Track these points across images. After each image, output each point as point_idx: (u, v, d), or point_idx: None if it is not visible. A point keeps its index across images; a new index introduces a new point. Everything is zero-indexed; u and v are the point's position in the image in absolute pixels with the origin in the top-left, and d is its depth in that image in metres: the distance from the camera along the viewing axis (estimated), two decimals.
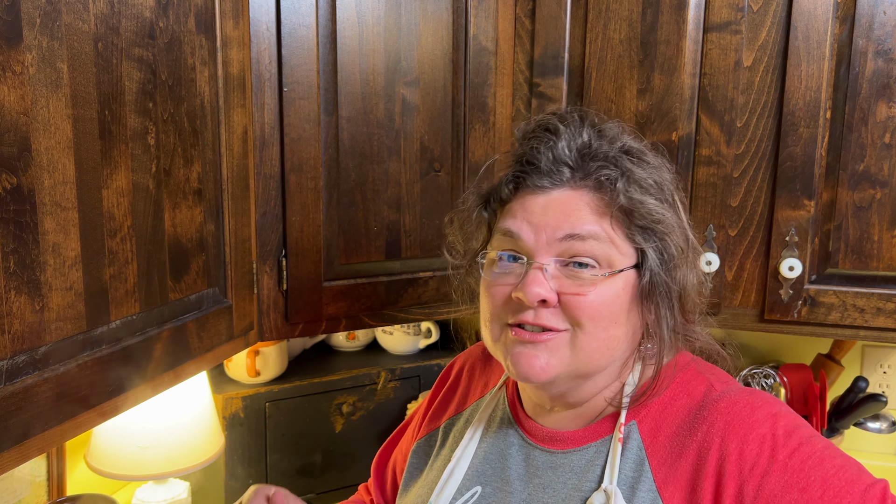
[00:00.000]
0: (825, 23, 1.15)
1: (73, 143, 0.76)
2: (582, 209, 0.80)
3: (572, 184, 0.81)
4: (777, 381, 1.43)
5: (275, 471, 1.60)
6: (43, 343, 0.74)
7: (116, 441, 1.32)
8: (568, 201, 0.81)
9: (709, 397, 0.82)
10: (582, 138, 0.82)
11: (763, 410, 0.79)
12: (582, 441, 0.86)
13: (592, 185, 0.81)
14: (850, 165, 1.17)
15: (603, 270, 0.79)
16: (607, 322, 0.80)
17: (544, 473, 0.87)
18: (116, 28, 0.81)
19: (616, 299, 0.80)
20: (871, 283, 1.18)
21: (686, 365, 0.88)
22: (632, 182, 0.80)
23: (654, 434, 0.82)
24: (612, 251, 0.80)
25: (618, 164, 0.81)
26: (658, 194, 0.82)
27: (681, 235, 0.82)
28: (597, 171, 0.81)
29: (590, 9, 1.27)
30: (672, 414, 0.83)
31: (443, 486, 0.92)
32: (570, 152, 0.82)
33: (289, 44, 1.11)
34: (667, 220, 0.81)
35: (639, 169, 0.82)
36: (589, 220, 0.80)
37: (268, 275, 1.15)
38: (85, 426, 0.81)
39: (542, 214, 0.81)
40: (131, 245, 0.86)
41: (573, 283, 0.79)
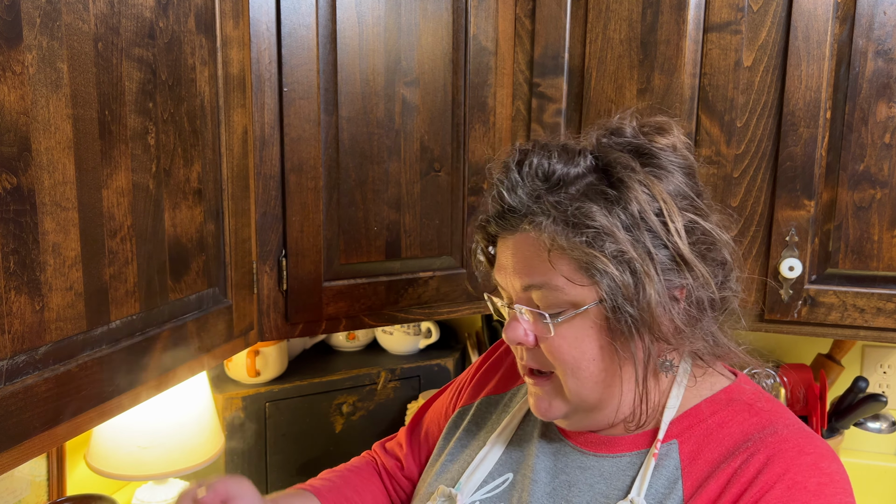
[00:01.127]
0: (825, 23, 1.15)
1: (73, 143, 0.76)
2: (532, 258, 0.80)
3: (522, 229, 0.81)
4: (777, 381, 1.43)
5: (275, 471, 1.60)
6: (43, 343, 0.74)
7: (116, 441, 1.32)
8: (522, 248, 0.81)
9: (762, 430, 0.80)
10: (527, 180, 0.81)
11: (809, 459, 0.77)
12: (618, 448, 0.86)
13: (533, 229, 0.79)
14: (850, 165, 1.17)
15: (564, 314, 0.79)
16: (582, 362, 0.80)
17: (572, 472, 0.87)
18: (116, 28, 0.81)
19: (584, 339, 0.80)
20: (871, 283, 1.18)
21: (741, 394, 0.86)
22: (560, 224, 0.77)
23: (694, 457, 0.81)
24: (570, 292, 0.78)
25: (557, 205, 0.78)
26: (600, 228, 0.76)
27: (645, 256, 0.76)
28: (534, 215, 0.79)
29: (590, 9, 1.27)
30: (718, 440, 0.81)
31: (474, 470, 0.93)
32: (517, 198, 0.81)
33: (289, 44, 1.11)
34: (596, 261, 0.76)
35: (586, 203, 0.77)
36: (537, 269, 0.79)
37: (268, 275, 1.15)
38: (85, 426, 0.81)
39: (507, 263, 0.83)
40: (131, 245, 0.86)
41: (541, 326, 0.81)
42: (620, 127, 0.85)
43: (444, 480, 0.96)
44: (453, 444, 1.00)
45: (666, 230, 0.78)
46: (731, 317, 0.87)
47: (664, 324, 0.79)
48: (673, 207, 0.79)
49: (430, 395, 1.56)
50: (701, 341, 0.82)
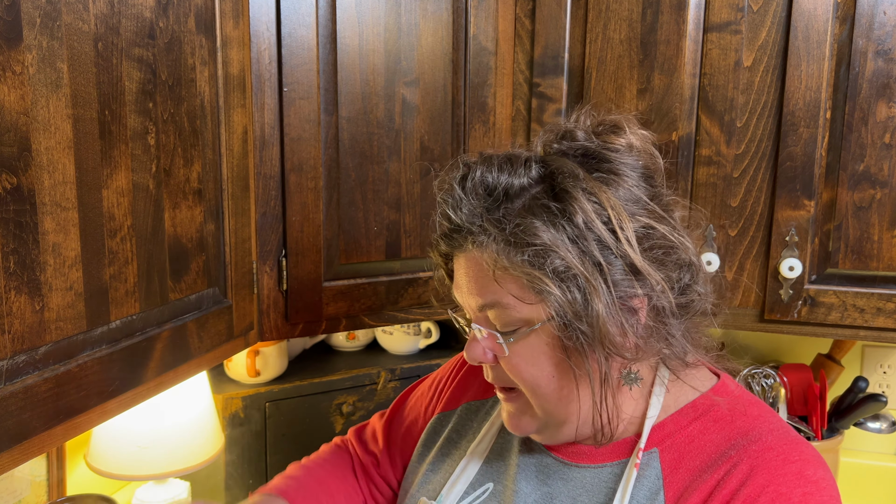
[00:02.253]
0: (825, 23, 1.15)
1: (73, 143, 0.76)
2: (480, 278, 0.78)
3: (468, 248, 0.79)
4: (777, 381, 1.43)
5: (275, 471, 1.60)
6: (43, 343, 0.74)
7: (116, 441, 1.32)
8: (471, 268, 0.79)
9: (745, 437, 0.78)
10: (470, 197, 0.79)
11: (794, 467, 0.75)
12: (599, 458, 0.84)
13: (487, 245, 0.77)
14: (850, 165, 1.17)
15: (515, 334, 0.78)
16: (541, 379, 0.79)
17: (554, 483, 0.85)
18: (116, 28, 0.81)
19: (539, 356, 0.78)
20: (871, 283, 1.18)
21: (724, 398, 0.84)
22: (501, 244, 0.75)
23: (675, 465, 0.79)
24: (520, 312, 0.77)
25: (498, 224, 0.76)
26: (543, 245, 0.73)
27: (581, 276, 0.73)
28: (475, 234, 0.77)
29: (590, 9, 1.27)
30: (699, 448, 0.79)
31: (455, 481, 0.91)
32: (462, 215, 0.79)
33: (289, 44, 1.11)
34: (539, 281, 0.74)
35: (528, 219, 0.74)
36: (485, 290, 0.78)
37: (268, 275, 1.15)
38: (85, 426, 0.81)
39: (463, 284, 0.81)
40: (131, 245, 0.86)
41: (497, 345, 0.80)
42: (571, 130, 0.82)
43: (426, 492, 0.95)
44: (434, 454, 0.98)
45: (616, 239, 0.75)
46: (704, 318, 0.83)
47: (617, 338, 0.75)
48: (623, 214, 0.75)
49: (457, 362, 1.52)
50: (666, 349, 0.79)
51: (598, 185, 0.76)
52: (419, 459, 1.00)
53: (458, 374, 1.05)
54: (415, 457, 1.01)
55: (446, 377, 1.07)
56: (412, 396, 1.10)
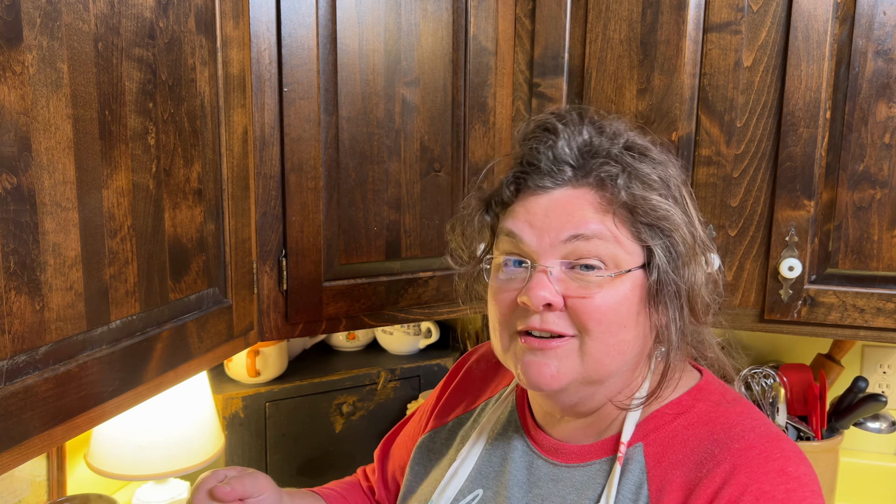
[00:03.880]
0: (825, 23, 1.15)
1: (73, 143, 0.76)
2: (585, 208, 0.78)
3: (574, 182, 0.79)
4: (777, 381, 1.43)
5: (275, 471, 1.60)
6: (43, 343, 0.74)
7: (116, 441, 1.32)
8: (570, 201, 0.79)
9: (727, 435, 0.78)
10: (582, 136, 0.80)
11: (776, 465, 0.75)
12: (586, 457, 0.85)
13: (594, 182, 0.79)
14: (850, 165, 1.17)
15: (609, 271, 0.77)
16: (615, 326, 0.78)
17: (545, 485, 0.85)
18: (116, 28, 0.81)
19: (624, 301, 0.78)
20: (871, 283, 1.18)
21: (708, 394, 0.84)
22: (634, 178, 0.78)
23: (658, 459, 0.80)
24: (618, 250, 0.77)
25: (619, 160, 0.79)
26: (663, 190, 0.79)
27: (688, 232, 0.79)
28: (598, 168, 0.79)
29: (590, 9, 1.27)
30: (683, 443, 0.80)
31: (445, 486, 0.91)
32: (570, 151, 0.80)
33: (289, 44, 1.11)
34: (672, 217, 0.78)
35: (642, 165, 0.79)
36: (592, 219, 0.77)
37: (268, 275, 1.15)
38: (85, 426, 0.81)
39: (545, 216, 0.79)
40: (131, 245, 0.86)
41: (579, 285, 0.77)
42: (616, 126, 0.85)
43: (417, 499, 0.96)
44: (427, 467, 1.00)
45: (690, 217, 0.81)
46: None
47: (701, 299, 0.80)
48: (689, 198, 0.82)
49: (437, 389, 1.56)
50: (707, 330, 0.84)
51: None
52: (414, 478, 1.01)
53: (444, 394, 1.06)
54: (409, 477, 1.02)
55: (431, 404, 1.08)
56: (402, 435, 1.13)
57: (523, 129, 0.86)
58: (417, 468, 1.01)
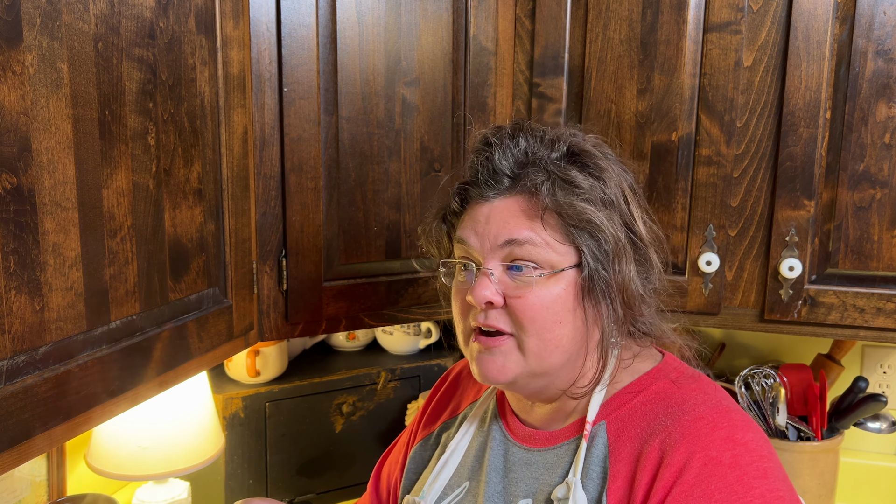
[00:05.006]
0: (825, 23, 1.15)
1: (73, 143, 0.76)
2: (518, 215, 0.85)
3: (510, 191, 0.86)
4: (777, 381, 1.43)
5: (275, 471, 1.60)
6: (43, 343, 0.74)
7: (116, 441, 1.32)
8: (506, 208, 0.86)
9: (679, 408, 0.83)
10: (518, 147, 0.87)
11: (723, 433, 0.78)
12: (556, 440, 0.90)
13: (524, 190, 0.85)
14: (850, 165, 1.17)
15: (543, 271, 0.83)
16: (550, 322, 0.84)
17: (519, 469, 0.91)
18: (116, 28, 0.81)
19: (557, 299, 0.84)
20: (871, 283, 1.18)
21: (667, 373, 0.89)
22: (557, 185, 0.84)
23: (618, 435, 0.85)
24: (549, 253, 0.83)
25: (547, 168, 0.85)
26: (589, 194, 0.84)
27: (619, 231, 0.84)
28: (526, 177, 0.85)
29: (590, 9, 1.27)
30: (640, 418, 0.85)
31: (434, 479, 0.97)
32: (506, 162, 0.87)
33: (289, 44, 1.11)
34: (595, 219, 0.83)
35: (572, 171, 0.85)
36: (524, 226, 0.84)
37: (268, 275, 1.15)
38: (85, 426, 0.81)
39: (486, 223, 0.86)
40: (131, 245, 0.86)
41: (516, 285, 0.84)
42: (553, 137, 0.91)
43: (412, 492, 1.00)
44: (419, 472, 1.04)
45: (631, 216, 0.87)
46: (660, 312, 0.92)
47: (635, 292, 0.85)
48: (632, 198, 0.88)
49: (424, 402, 1.56)
50: (648, 316, 0.89)
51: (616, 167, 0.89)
52: (409, 484, 1.05)
53: (430, 405, 1.11)
54: (404, 483, 1.05)
55: (417, 419, 1.12)
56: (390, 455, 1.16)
57: (472, 143, 0.93)
58: (412, 476, 1.05)
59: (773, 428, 1.43)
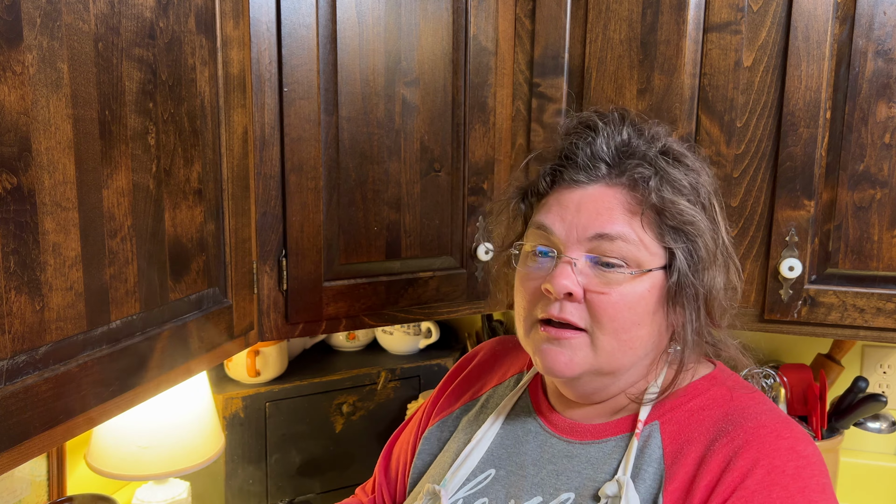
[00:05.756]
0: (825, 23, 1.15)
1: (73, 143, 0.76)
2: (614, 207, 0.81)
3: (608, 180, 0.82)
4: (777, 381, 1.43)
5: (275, 471, 1.60)
6: (43, 343, 0.74)
7: (116, 441, 1.32)
8: (601, 198, 0.82)
9: (740, 415, 0.81)
10: (621, 136, 0.84)
11: (786, 443, 0.78)
12: (602, 434, 0.87)
13: (627, 182, 0.82)
14: (850, 165, 1.17)
15: (630, 269, 0.80)
16: (629, 323, 0.81)
17: (559, 461, 0.88)
18: (116, 28, 0.81)
19: (640, 300, 0.81)
20: (871, 283, 1.18)
21: (723, 381, 0.88)
22: (665, 182, 0.81)
23: (674, 437, 0.83)
24: (641, 252, 0.80)
25: (654, 163, 0.82)
26: (691, 196, 0.82)
27: (712, 239, 0.82)
28: (632, 168, 0.81)
29: (590, 9, 1.27)
30: (699, 422, 0.83)
31: (458, 467, 0.93)
32: (607, 149, 0.83)
33: (289, 44, 1.11)
34: (698, 222, 0.81)
35: (675, 170, 0.82)
36: (619, 220, 0.80)
37: (268, 275, 1.15)
38: (85, 426, 0.81)
39: (576, 211, 0.82)
40: (131, 245, 0.86)
41: (599, 280, 0.81)
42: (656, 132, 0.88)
43: (431, 478, 0.97)
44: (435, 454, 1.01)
45: (717, 224, 0.84)
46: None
47: (718, 303, 0.83)
48: (718, 207, 0.85)
49: (430, 395, 1.55)
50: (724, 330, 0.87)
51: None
52: (423, 465, 1.02)
53: (449, 386, 1.08)
54: (416, 464, 1.03)
55: (434, 397, 1.10)
56: (402, 435, 1.13)
57: (565, 125, 0.89)
58: (426, 457, 1.02)
59: None
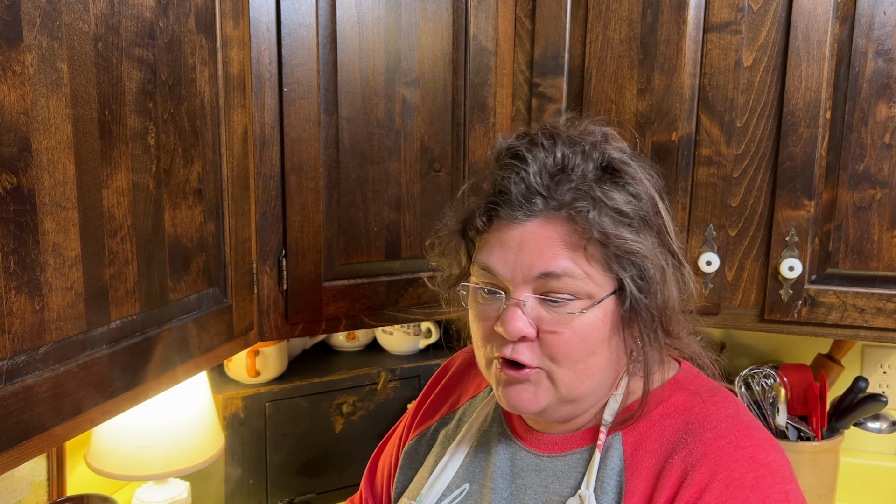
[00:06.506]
0: (825, 23, 1.15)
1: (73, 143, 0.76)
2: (556, 243, 0.78)
3: (546, 213, 0.78)
4: (777, 381, 1.43)
5: (275, 471, 1.60)
6: (43, 343, 0.74)
7: (116, 441, 1.32)
8: (541, 234, 0.78)
9: (701, 424, 0.80)
10: (554, 158, 0.79)
11: (745, 453, 0.77)
12: (567, 447, 0.87)
13: (566, 215, 0.78)
14: (850, 165, 1.17)
15: (581, 304, 0.78)
16: (583, 355, 0.79)
17: (528, 475, 0.88)
18: (116, 28, 0.81)
19: (594, 331, 0.79)
20: (871, 283, 1.18)
21: (687, 384, 0.86)
22: (604, 214, 0.77)
23: (636, 447, 0.82)
24: (589, 284, 0.78)
25: (590, 193, 0.78)
26: (634, 221, 0.78)
27: (661, 255, 0.79)
28: (570, 202, 0.78)
29: (590, 9, 1.27)
30: (659, 432, 0.82)
31: (433, 482, 0.93)
32: (541, 179, 0.78)
33: (289, 44, 1.11)
34: (642, 250, 0.78)
35: (614, 193, 0.78)
36: (562, 256, 0.77)
37: (268, 275, 1.15)
38: (85, 426, 0.81)
39: (518, 250, 0.79)
40: (131, 245, 0.86)
41: (551, 318, 0.79)
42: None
43: (408, 493, 0.98)
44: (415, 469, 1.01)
45: (665, 228, 0.82)
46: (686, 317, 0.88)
47: (675, 316, 0.81)
48: (664, 208, 0.83)
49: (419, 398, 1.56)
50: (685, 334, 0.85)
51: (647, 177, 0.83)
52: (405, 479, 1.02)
53: (427, 400, 1.08)
54: (398, 478, 1.03)
55: (413, 413, 1.10)
56: (386, 447, 1.13)
57: (496, 149, 0.85)
58: (407, 471, 1.03)
59: (773, 428, 1.43)
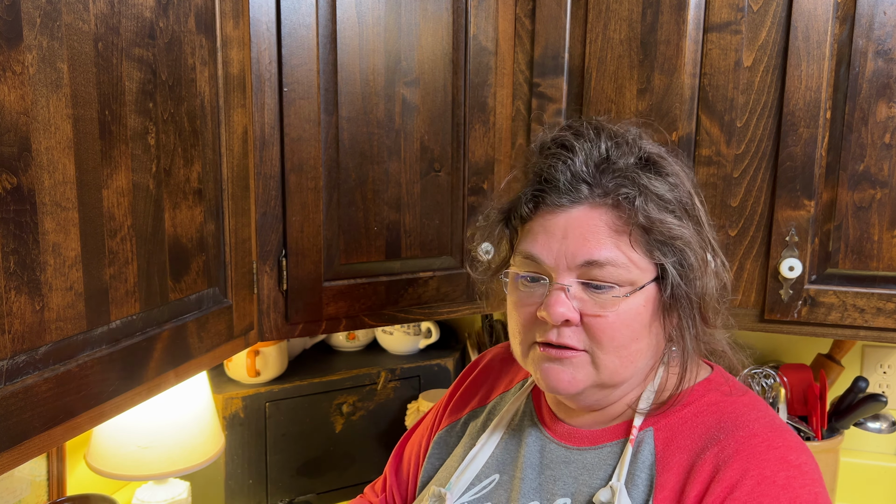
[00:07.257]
0: (825, 23, 1.15)
1: (73, 143, 0.76)
2: (600, 230, 0.80)
3: (591, 201, 0.81)
4: (777, 381, 1.43)
5: (275, 471, 1.60)
6: (43, 343, 0.74)
7: (116, 441, 1.32)
8: (586, 221, 0.81)
9: (733, 423, 0.82)
10: (599, 151, 0.82)
11: (777, 453, 0.78)
12: (598, 441, 0.88)
13: (611, 202, 0.81)
14: (850, 165, 1.17)
15: (624, 290, 0.80)
16: (627, 340, 0.81)
17: (557, 467, 0.89)
18: (116, 28, 0.81)
19: (636, 317, 0.81)
20: (871, 283, 1.18)
21: (719, 385, 0.88)
22: (650, 200, 0.80)
23: (667, 443, 0.83)
24: (632, 271, 0.80)
25: (635, 180, 0.80)
26: (676, 208, 0.81)
27: (699, 245, 0.82)
28: (615, 189, 0.80)
29: (590, 9, 1.27)
30: (691, 428, 0.83)
31: (462, 471, 0.94)
32: (587, 168, 0.81)
33: (289, 44, 1.11)
34: (685, 236, 0.81)
35: (657, 182, 0.81)
36: (607, 244, 0.80)
37: (268, 275, 1.15)
38: (85, 426, 0.81)
39: (562, 237, 0.81)
40: (131, 245, 0.86)
41: (594, 303, 0.81)
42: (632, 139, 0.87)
43: (437, 481, 0.98)
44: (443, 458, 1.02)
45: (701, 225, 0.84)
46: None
47: (712, 306, 0.83)
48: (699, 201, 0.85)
49: (430, 394, 1.56)
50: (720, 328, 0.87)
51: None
52: (432, 468, 1.03)
53: (457, 391, 1.09)
54: (426, 467, 1.04)
55: (444, 402, 1.10)
56: (414, 435, 1.14)
57: (540, 140, 0.88)
58: (435, 461, 1.03)
59: None
